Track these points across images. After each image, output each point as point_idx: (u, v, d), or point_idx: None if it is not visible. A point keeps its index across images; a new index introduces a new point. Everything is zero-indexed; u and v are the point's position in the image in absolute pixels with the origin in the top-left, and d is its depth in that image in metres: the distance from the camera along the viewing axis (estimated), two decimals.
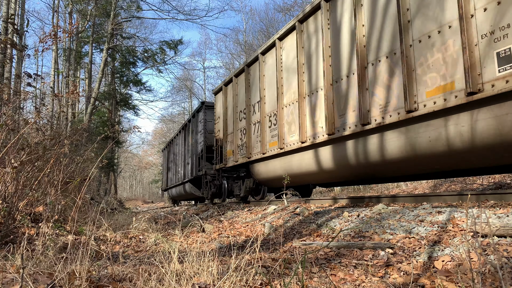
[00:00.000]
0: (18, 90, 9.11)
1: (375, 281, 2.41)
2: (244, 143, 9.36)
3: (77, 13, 19.71)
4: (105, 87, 24.38)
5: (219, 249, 3.70)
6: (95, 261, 2.97)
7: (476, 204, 4.15)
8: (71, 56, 19.80)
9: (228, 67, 35.78)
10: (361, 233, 3.77)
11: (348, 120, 5.78)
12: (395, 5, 4.94)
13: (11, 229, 3.39)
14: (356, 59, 5.56)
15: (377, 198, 5.91)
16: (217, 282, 2.18)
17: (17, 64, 13.36)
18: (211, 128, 13.19)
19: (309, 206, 6.53)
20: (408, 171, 5.41)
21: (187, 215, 9.33)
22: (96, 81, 20.71)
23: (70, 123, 15.37)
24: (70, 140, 5.64)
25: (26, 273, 1.99)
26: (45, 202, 4.17)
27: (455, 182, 12.64)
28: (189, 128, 16.30)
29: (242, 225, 5.96)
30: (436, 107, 4.34)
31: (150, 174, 59.33)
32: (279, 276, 2.45)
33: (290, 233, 4.57)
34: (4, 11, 10.69)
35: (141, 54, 23.69)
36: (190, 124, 15.84)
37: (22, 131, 4.67)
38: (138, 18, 23.30)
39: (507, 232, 2.77)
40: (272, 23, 29.20)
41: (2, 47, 9.01)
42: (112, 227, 5.18)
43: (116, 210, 10.42)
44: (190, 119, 16.05)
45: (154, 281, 2.20)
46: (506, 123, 3.75)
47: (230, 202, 13.87)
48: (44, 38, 7.74)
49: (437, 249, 2.84)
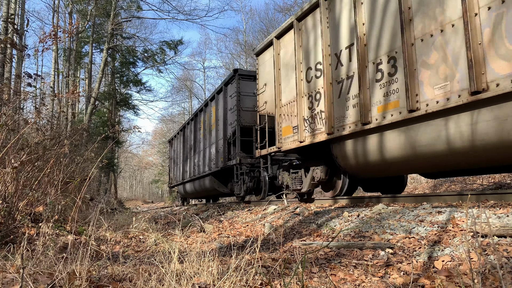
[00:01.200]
0: (18, 90, 9.12)
1: (375, 281, 2.41)
2: (318, 114, 6.49)
3: (77, 13, 19.72)
4: (105, 87, 24.40)
5: (219, 249, 3.70)
6: (95, 261, 2.97)
7: (476, 204, 4.15)
8: (71, 56, 19.80)
9: (228, 67, 35.78)
10: (361, 233, 3.77)
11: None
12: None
13: (11, 229, 3.39)
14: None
15: (377, 198, 5.91)
16: (217, 282, 2.18)
17: (17, 64, 13.37)
18: (248, 104, 10.34)
19: (309, 206, 6.53)
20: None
21: (187, 215, 9.34)
22: (96, 81, 20.72)
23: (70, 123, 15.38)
24: (70, 140, 5.64)
25: (26, 273, 1.99)
26: (45, 202, 4.17)
27: (455, 182, 12.65)
28: (210, 108, 13.22)
29: (242, 225, 5.97)
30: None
31: (150, 174, 59.32)
32: (279, 276, 2.45)
33: (290, 233, 4.57)
34: (4, 11, 10.69)
35: (141, 54, 23.71)
36: (214, 103, 12.67)
37: (22, 131, 4.68)
38: (138, 18, 23.32)
39: (507, 232, 2.77)
40: (272, 23, 29.20)
41: (2, 47, 9.01)
42: (112, 227, 5.18)
43: (116, 210, 10.42)
44: (213, 97, 12.78)
45: (154, 281, 2.20)
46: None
47: (230, 202, 13.73)
48: (44, 38, 7.74)
49: (437, 249, 2.84)
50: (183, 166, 17.60)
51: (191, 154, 15.95)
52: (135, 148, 49.08)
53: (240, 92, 10.39)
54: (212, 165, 12.60)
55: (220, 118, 11.95)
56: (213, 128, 12.64)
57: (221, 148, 11.70)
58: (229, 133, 10.99)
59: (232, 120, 10.74)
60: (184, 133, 17.67)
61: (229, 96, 11.14)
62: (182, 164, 17.92)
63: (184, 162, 17.41)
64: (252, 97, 10.33)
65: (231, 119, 10.89)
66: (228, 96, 11.23)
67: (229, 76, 11.28)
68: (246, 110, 10.34)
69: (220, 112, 11.98)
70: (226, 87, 11.47)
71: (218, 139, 12.02)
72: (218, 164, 11.92)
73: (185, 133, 17.43)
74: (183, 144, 17.82)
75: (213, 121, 12.69)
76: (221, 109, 11.80)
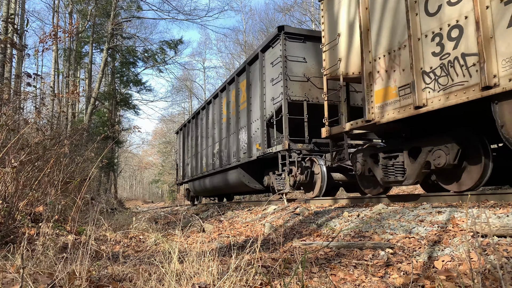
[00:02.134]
0: (18, 90, 9.12)
1: (375, 281, 2.41)
2: (459, 59, 4.21)
3: (77, 13, 19.72)
4: (105, 87, 24.40)
5: (219, 249, 3.70)
6: (95, 261, 2.97)
7: (476, 204, 4.15)
8: (71, 56, 19.80)
9: (228, 67, 35.80)
10: (361, 233, 3.77)
11: None
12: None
13: (11, 229, 3.39)
14: None
15: (377, 198, 5.91)
16: (217, 282, 2.18)
17: (17, 64, 13.37)
18: (297, 71, 8.02)
19: (309, 206, 6.53)
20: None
21: (187, 215, 9.33)
22: (96, 81, 20.73)
23: (70, 123, 15.38)
24: (70, 140, 5.64)
25: (26, 273, 1.99)
26: (45, 202, 4.17)
27: None
28: (236, 85, 10.69)
29: (242, 225, 5.97)
30: None
31: (150, 174, 59.31)
32: (279, 276, 2.45)
33: (290, 233, 4.57)
34: (4, 11, 10.69)
35: (141, 54, 23.72)
36: (244, 76, 10.11)
37: (22, 131, 4.68)
38: (138, 18, 23.32)
39: (507, 232, 2.77)
40: (272, 23, 29.21)
41: (2, 47, 9.01)
42: (112, 227, 5.18)
43: (116, 210, 10.42)
44: (242, 69, 10.29)
45: (154, 281, 2.20)
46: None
47: (230, 202, 13.56)
48: (44, 38, 7.74)
49: (437, 249, 2.84)
50: (196, 160, 15.06)
51: (207, 144, 13.46)
52: (135, 148, 49.09)
53: (287, 56, 7.99)
54: (241, 155, 10.11)
55: (254, 95, 9.45)
56: (243, 108, 10.13)
57: (256, 132, 9.24)
58: (269, 113, 8.60)
59: (275, 94, 8.32)
60: (198, 121, 15.03)
61: (269, 63, 8.67)
62: (194, 157, 15.40)
63: (198, 155, 14.83)
64: (302, 63, 8.14)
65: (273, 93, 8.43)
66: (267, 65, 8.78)
67: (269, 37, 8.73)
68: (295, 80, 7.97)
69: (254, 87, 9.51)
70: (264, 54, 8.99)
71: (251, 121, 9.57)
72: (251, 153, 9.45)
73: (199, 121, 14.79)
74: (196, 133, 15.20)
75: (243, 99, 10.16)
76: (256, 82, 9.34)
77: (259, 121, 9.12)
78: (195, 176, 15.07)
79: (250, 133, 9.65)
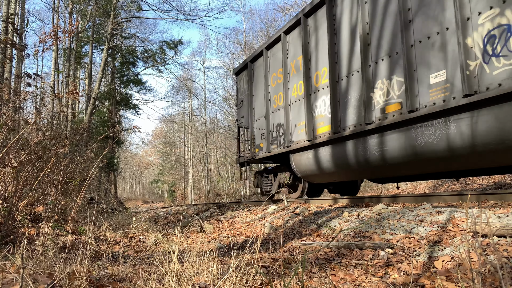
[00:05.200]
0: (18, 90, 9.11)
1: (375, 281, 2.41)
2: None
3: (77, 13, 19.71)
4: (105, 87, 24.39)
5: (219, 249, 3.70)
6: (95, 261, 2.97)
7: (476, 204, 4.15)
8: (71, 56, 19.80)
9: (228, 67, 35.78)
10: (361, 233, 3.77)
11: None
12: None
13: (11, 229, 3.39)
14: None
15: (377, 198, 5.91)
16: (217, 282, 2.18)
17: (17, 64, 13.37)
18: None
19: (309, 206, 6.53)
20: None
21: (187, 215, 9.33)
22: (96, 81, 20.72)
23: (70, 123, 15.38)
24: (70, 140, 5.64)
25: (26, 273, 1.99)
26: (45, 202, 4.17)
27: (455, 182, 12.64)
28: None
29: (242, 225, 5.96)
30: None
31: (150, 174, 59.30)
32: (279, 276, 2.45)
33: (290, 233, 4.57)
34: (4, 11, 10.69)
35: (141, 54, 23.70)
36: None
37: (22, 131, 4.68)
38: (138, 18, 23.29)
39: (507, 232, 2.77)
40: (272, 23, 29.20)
41: (2, 47, 9.01)
42: (112, 227, 5.18)
43: (116, 210, 10.41)
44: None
45: (154, 281, 2.20)
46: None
47: (230, 202, 13.70)
48: (44, 38, 7.73)
49: (437, 249, 2.84)
50: (316, 109, 7.03)
51: (353, 67, 6.01)
52: (135, 148, 49.05)
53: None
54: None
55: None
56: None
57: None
58: None
59: None
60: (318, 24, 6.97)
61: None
62: (304, 101, 7.21)
63: (314, 95, 7.03)
64: None
65: None
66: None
67: None
68: None
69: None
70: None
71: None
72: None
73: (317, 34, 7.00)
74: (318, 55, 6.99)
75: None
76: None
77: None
78: (317, 140, 6.91)
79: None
